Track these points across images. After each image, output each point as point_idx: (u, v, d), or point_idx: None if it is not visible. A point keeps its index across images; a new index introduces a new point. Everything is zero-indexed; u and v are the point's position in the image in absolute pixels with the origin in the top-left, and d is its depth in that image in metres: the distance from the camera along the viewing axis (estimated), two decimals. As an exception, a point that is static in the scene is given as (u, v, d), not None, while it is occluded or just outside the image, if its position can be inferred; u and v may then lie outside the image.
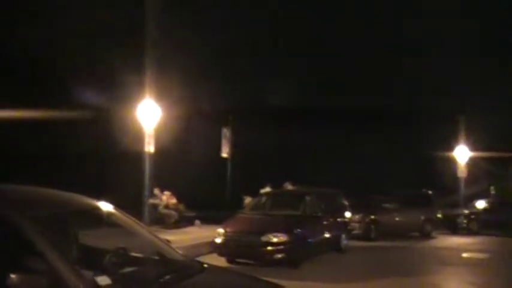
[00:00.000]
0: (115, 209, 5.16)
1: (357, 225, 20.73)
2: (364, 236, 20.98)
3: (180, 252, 5.43)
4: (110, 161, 24.36)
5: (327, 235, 16.14)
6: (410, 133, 35.37)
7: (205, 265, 5.14)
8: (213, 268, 5.29)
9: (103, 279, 3.90)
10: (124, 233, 5.19)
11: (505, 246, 18.96)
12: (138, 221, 5.50)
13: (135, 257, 4.89)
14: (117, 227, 5.16)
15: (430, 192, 26.01)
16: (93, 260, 4.47)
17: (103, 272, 4.12)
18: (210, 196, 25.21)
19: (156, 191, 21.17)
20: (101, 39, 23.99)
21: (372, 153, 35.57)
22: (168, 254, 5.06)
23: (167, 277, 4.35)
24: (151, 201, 19.01)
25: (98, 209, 4.99)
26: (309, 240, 14.74)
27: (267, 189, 21.28)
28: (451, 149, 30.77)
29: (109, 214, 5.03)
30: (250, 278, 5.50)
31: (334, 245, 16.58)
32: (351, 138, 35.67)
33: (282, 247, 13.55)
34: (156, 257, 4.94)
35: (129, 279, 4.31)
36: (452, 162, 31.06)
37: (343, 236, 17.37)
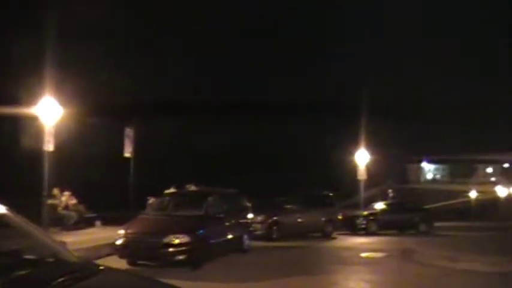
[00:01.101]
0: (7, 209, 4.93)
1: (259, 226, 20.93)
2: (267, 237, 21.19)
3: (75, 254, 5.25)
4: (7, 160, 23.43)
5: (229, 236, 16.15)
6: (315, 135, 36.05)
7: (102, 267, 4.98)
8: (110, 270, 5.13)
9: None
10: (17, 234, 4.97)
11: (401, 245, 19.58)
12: (31, 223, 5.28)
13: (28, 259, 4.69)
14: (9, 228, 4.93)
15: (331, 193, 26.63)
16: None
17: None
18: (112, 197, 24.75)
19: (56, 191, 20.54)
20: None
21: (275, 155, 35.99)
22: (62, 256, 4.88)
23: (60, 280, 4.19)
24: (50, 201, 18.41)
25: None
26: (211, 241, 14.70)
27: (171, 190, 21.08)
28: (353, 152, 31.53)
29: (0, 215, 4.80)
30: (148, 280, 5.39)
31: (236, 246, 16.60)
32: (255, 139, 35.95)
33: (183, 248, 13.44)
34: (50, 259, 4.75)
35: (21, 282, 4.13)
36: (353, 165, 31.84)
37: (246, 236, 17.44)
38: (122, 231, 14.15)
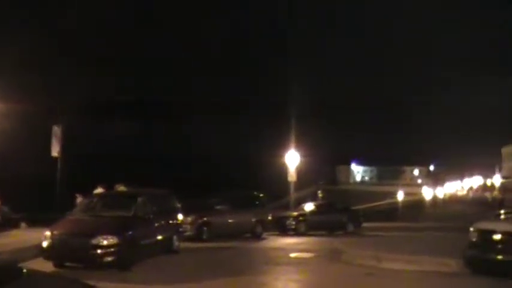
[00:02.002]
0: None
1: (189, 226, 20.86)
2: (197, 238, 21.15)
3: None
4: None
5: (158, 237, 16.04)
6: (247, 137, 36.28)
7: (24, 270, 4.88)
8: (32, 273, 5.03)
9: None
10: None
11: (329, 246, 19.89)
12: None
13: None
14: None
15: (261, 194, 26.80)
16: None
17: None
18: (38, 197, 24.20)
19: None
20: None
21: (207, 157, 36.04)
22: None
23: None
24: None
25: None
26: (140, 242, 14.55)
27: (99, 190, 20.74)
28: (283, 154, 31.83)
29: None
30: (72, 283, 5.30)
31: (166, 247, 16.51)
32: (186, 141, 35.90)
33: (112, 250, 13.26)
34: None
35: None
36: (283, 167, 32.14)
37: (175, 237, 17.36)
38: (48, 233, 13.82)
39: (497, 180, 63.98)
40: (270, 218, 26.12)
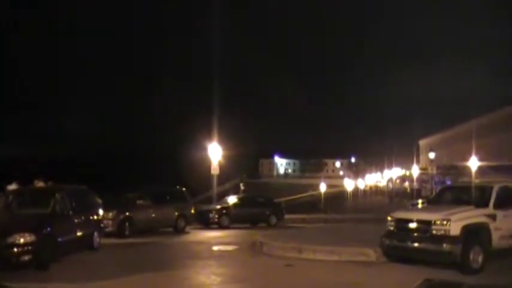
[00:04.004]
0: None
1: (110, 222, 20.60)
2: (118, 233, 20.93)
3: None
4: None
5: (78, 233, 15.74)
6: (169, 130, 36.00)
7: None
8: None
9: None
10: None
11: (251, 238, 20.01)
12: None
13: None
14: None
15: (183, 188, 26.73)
16: None
17: None
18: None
19: None
20: None
21: (128, 149, 35.59)
22: None
23: None
24: None
25: None
26: (59, 239, 14.23)
27: (13, 186, 20.12)
28: (205, 147, 31.79)
29: None
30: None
31: (86, 244, 16.23)
32: (109, 136, 35.34)
33: (29, 248, 12.86)
34: None
35: None
36: (206, 160, 32.12)
37: (96, 234, 17.08)
38: (-39, 232, 13.32)
39: (415, 171, 66.05)
40: (192, 211, 26.09)
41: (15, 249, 12.80)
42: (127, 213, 21.76)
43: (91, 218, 17.11)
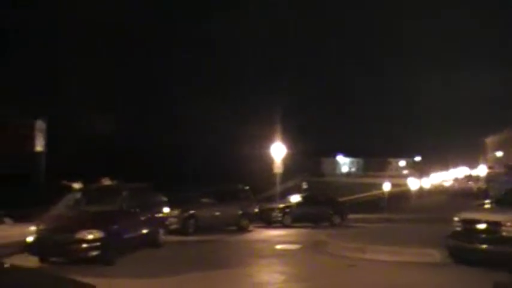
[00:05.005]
0: None
1: (175, 220, 20.84)
2: (182, 231, 21.15)
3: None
4: None
5: (143, 230, 16.02)
6: (229, 128, 36.16)
7: (6, 265, 4.86)
8: (13, 268, 5.01)
9: None
10: None
11: (314, 237, 19.96)
12: None
13: None
14: None
15: (246, 187, 26.80)
16: None
17: None
18: (23, 192, 24.03)
19: None
20: None
21: (188, 147, 35.94)
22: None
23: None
24: None
25: None
26: (125, 236, 14.54)
27: (78, 185, 20.64)
28: (267, 146, 31.84)
29: None
30: (55, 278, 5.28)
31: (151, 241, 16.50)
32: (169, 132, 35.78)
33: (96, 244, 13.23)
34: None
35: None
36: (268, 159, 32.15)
37: (160, 231, 17.34)
38: (33, 228, 13.77)
39: (482, 170, 64.39)
40: (255, 210, 26.14)
41: (83, 245, 13.17)
42: (191, 211, 21.99)
43: (155, 215, 17.40)
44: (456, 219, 13.54)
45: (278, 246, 18.15)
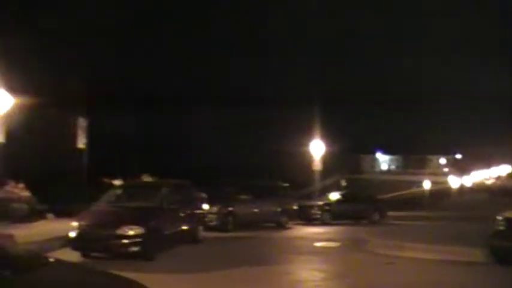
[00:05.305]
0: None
1: (214, 216, 20.96)
2: (221, 228, 21.24)
3: (26, 246, 5.22)
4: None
5: (183, 227, 16.15)
6: (267, 126, 36.15)
7: (51, 259, 4.97)
8: (58, 262, 5.12)
9: None
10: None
11: (353, 235, 19.88)
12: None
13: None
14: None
15: (286, 184, 26.81)
16: None
17: None
18: (65, 188, 24.42)
19: (12, 183, 20.24)
20: None
21: (226, 144, 36.05)
22: (9, 249, 4.84)
23: (5, 272, 4.16)
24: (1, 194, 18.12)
25: None
26: (165, 232, 14.68)
27: (119, 181, 20.90)
28: (306, 143, 31.79)
29: None
30: (96, 272, 5.39)
31: (190, 237, 16.62)
32: (205, 128, 35.94)
33: (137, 240, 13.38)
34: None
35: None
36: (307, 156, 32.10)
37: (200, 227, 17.47)
38: (75, 223, 13.99)
39: (525, 168, 63.19)
40: (294, 207, 26.11)
41: (124, 241, 13.34)
42: (230, 208, 22.07)
43: (195, 212, 17.53)
44: (499, 218, 13.32)
45: (317, 244, 18.11)
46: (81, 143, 25.58)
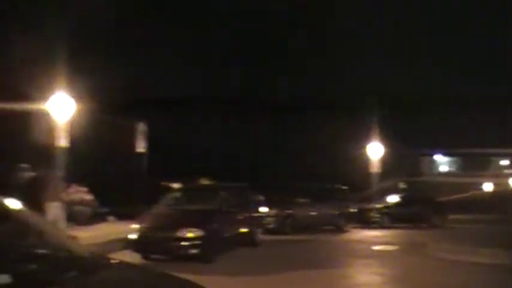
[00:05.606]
0: (20, 205, 5.02)
1: (272, 219, 21.02)
2: (280, 231, 21.26)
3: (89, 248, 5.35)
4: (19, 156, 23.56)
5: (241, 229, 16.28)
6: (324, 128, 35.94)
7: (114, 261, 5.09)
8: (121, 264, 5.24)
9: (2, 278, 3.79)
10: (30, 229, 5.06)
11: (413, 239, 19.65)
12: (44, 217, 5.38)
13: (40, 253, 4.78)
14: (23, 223, 5.02)
15: (344, 186, 26.66)
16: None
17: (3, 270, 3.99)
18: (125, 192, 24.86)
19: (73, 187, 20.74)
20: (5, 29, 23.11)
21: (284, 148, 36.04)
22: (73, 250, 4.97)
23: (71, 273, 4.29)
24: (65, 197, 18.56)
25: (1, 204, 4.83)
26: (224, 235, 14.82)
27: (178, 184, 21.16)
28: (364, 145, 31.58)
29: (9, 209, 4.89)
30: (158, 274, 5.49)
31: (248, 240, 16.72)
32: (262, 132, 36.01)
33: (196, 242, 13.54)
34: (61, 254, 4.83)
35: (32, 276, 4.21)
36: (365, 158, 31.86)
37: (258, 230, 17.56)
38: (136, 226, 14.28)
39: None
40: (352, 210, 25.95)
41: (184, 243, 13.53)
42: (289, 211, 22.09)
43: (252, 214, 17.64)
44: None
45: (375, 247, 17.98)
46: (141, 147, 26.03)
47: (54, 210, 15.09)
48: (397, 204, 28.62)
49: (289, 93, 35.84)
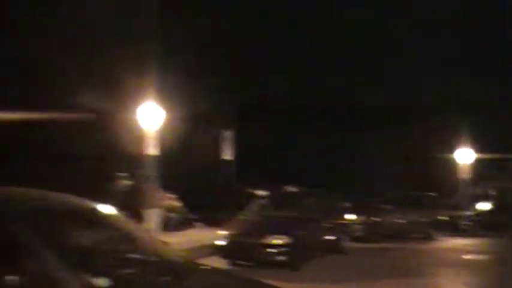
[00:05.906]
0: (113, 210, 5.21)
1: (359, 227, 20.86)
2: (366, 238, 21.07)
3: (178, 253, 5.50)
4: (112, 164, 24.35)
5: (327, 237, 16.24)
6: (411, 135, 35.41)
7: (202, 266, 5.22)
8: (210, 269, 5.38)
9: (101, 281, 3.95)
10: (122, 234, 5.24)
11: (505, 248, 19.04)
12: (135, 223, 5.56)
13: (133, 258, 4.94)
14: (115, 228, 5.20)
15: (432, 194, 26.16)
16: (90, 261, 4.50)
17: (100, 273, 4.16)
18: (212, 198, 25.23)
19: (165, 194, 21.25)
20: (101, 40, 23.93)
21: (371, 155, 35.69)
22: (165, 256, 5.13)
23: (164, 278, 4.44)
24: (159, 204, 19.03)
25: (95, 210, 5.02)
26: (310, 242, 14.82)
27: (263, 191, 21.30)
28: (452, 151, 30.91)
29: (107, 216, 5.09)
30: (247, 280, 5.57)
31: (334, 247, 16.65)
32: (349, 139, 35.80)
33: (283, 249, 13.62)
34: (154, 259, 4.99)
35: (127, 280, 4.36)
36: (453, 164, 31.17)
37: (344, 238, 17.46)
38: (223, 232, 14.51)
39: None
40: (442, 218, 25.39)
41: (271, 250, 13.63)
42: (376, 219, 21.86)
43: (338, 222, 17.56)
44: None
45: (466, 256, 17.55)
46: (227, 154, 26.42)
47: (153, 216, 15.53)
48: (488, 212, 27.83)
49: (379, 101, 35.40)
